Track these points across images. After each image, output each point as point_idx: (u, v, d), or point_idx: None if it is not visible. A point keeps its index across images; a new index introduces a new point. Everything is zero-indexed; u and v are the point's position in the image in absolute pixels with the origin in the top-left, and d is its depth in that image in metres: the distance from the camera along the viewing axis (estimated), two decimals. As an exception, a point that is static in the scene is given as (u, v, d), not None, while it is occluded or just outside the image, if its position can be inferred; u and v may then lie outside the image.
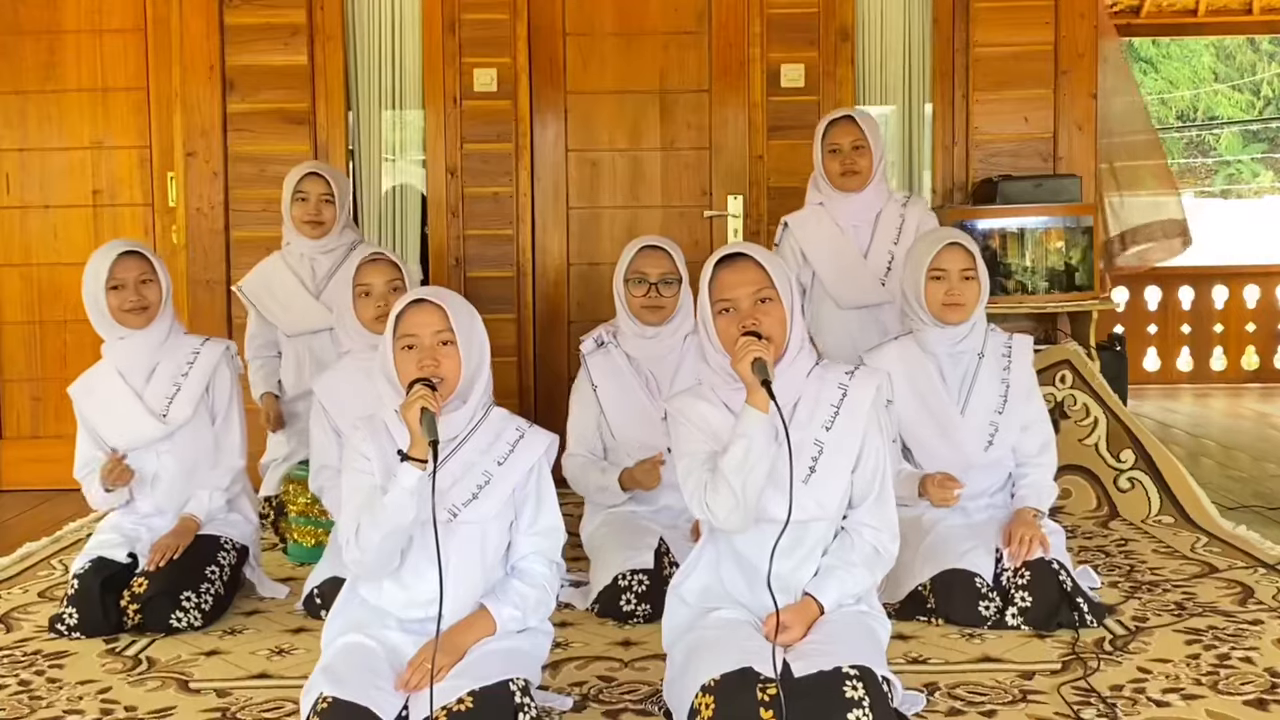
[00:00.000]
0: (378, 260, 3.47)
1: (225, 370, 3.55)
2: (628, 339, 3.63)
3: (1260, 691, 2.62)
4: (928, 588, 3.16)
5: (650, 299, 3.55)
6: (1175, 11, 8.20)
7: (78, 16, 5.28)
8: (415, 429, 2.35)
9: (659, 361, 3.62)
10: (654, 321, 3.58)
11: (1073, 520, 4.21)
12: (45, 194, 5.34)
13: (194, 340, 3.57)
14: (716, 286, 2.48)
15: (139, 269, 3.43)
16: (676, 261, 3.56)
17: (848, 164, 4.01)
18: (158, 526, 3.42)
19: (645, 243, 3.60)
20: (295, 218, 4.20)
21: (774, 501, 2.43)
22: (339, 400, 3.41)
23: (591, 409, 3.63)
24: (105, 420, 3.45)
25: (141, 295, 3.42)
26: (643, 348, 3.62)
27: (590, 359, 3.67)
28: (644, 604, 3.20)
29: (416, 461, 2.34)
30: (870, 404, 2.53)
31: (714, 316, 2.48)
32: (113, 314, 3.42)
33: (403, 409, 2.38)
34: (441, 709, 2.25)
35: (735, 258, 2.50)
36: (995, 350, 3.38)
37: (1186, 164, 21.91)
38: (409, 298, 2.49)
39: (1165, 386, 8.54)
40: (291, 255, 4.28)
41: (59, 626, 3.19)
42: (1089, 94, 5.19)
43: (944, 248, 3.29)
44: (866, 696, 2.19)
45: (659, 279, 3.54)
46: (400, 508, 2.35)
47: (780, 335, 2.46)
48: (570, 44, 5.25)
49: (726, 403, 2.50)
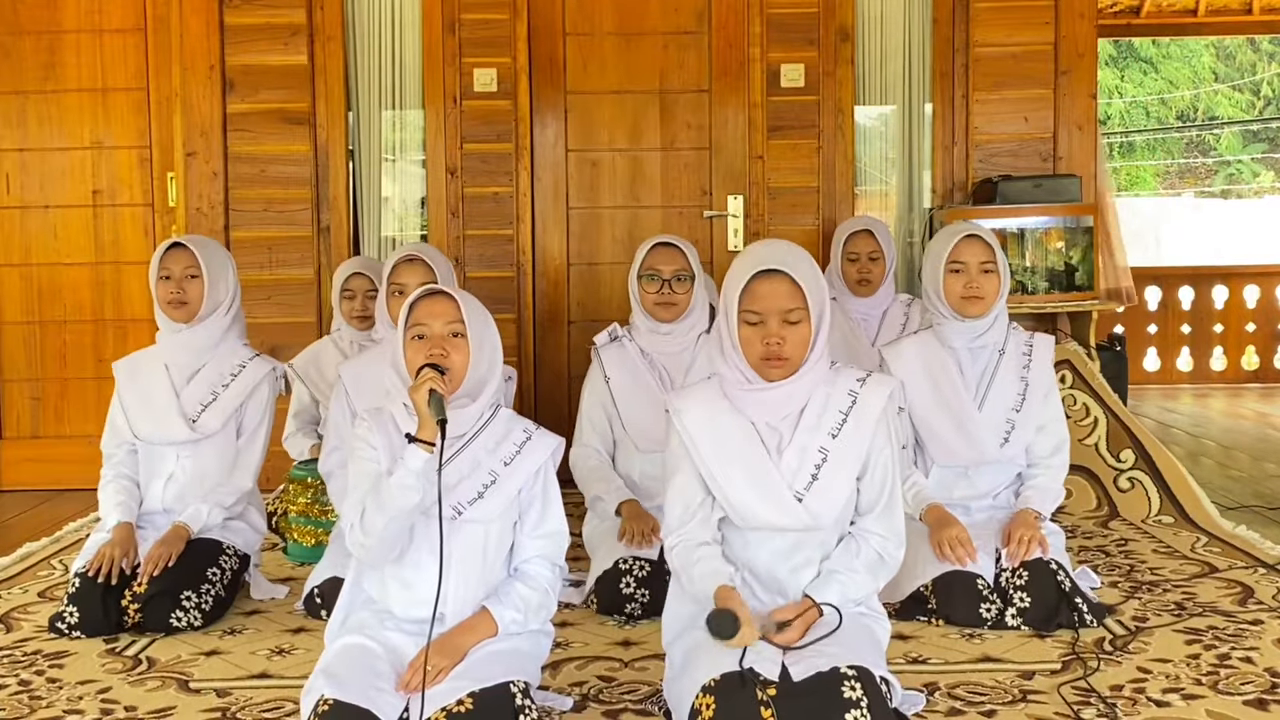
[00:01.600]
0: (414, 260, 3.45)
1: (265, 390, 3.55)
2: (641, 334, 3.67)
3: (1260, 691, 2.62)
4: (929, 588, 3.15)
5: (663, 295, 3.59)
6: (1175, 11, 8.20)
7: (78, 16, 5.28)
8: (423, 410, 2.35)
9: (672, 358, 3.65)
10: (667, 318, 3.62)
11: (1073, 520, 4.21)
12: (45, 194, 5.34)
13: (245, 352, 3.57)
14: (748, 296, 2.43)
15: (185, 262, 3.44)
16: (690, 259, 3.61)
17: (864, 273, 4.34)
18: (161, 525, 3.42)
19: (659, 240, 3.65)
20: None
21: (764, 509, 2.44)
22: (361, 384, 3.38)
23: (603, 398, 3.65)
24: (138, 407, 3.46)
25: (182, 289, 3.43)
26: (656, 343, 3.65)
27: (604, 351, 3.70)
28: (643, 589, 3.21)
29: (423, 444, 2.34)
30: (880, 411, 2.50)
31: (740, 324, 2.44)
32: (160, 304, 3.45)
33: (410, 391, 2.38)
34: (442, 710, 2.24)
35: (771, 271, 2.42)
36: (1016, 348, 3.35)
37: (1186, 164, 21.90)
38: (422, 290, 2.50)
39: (1165, 386, 8.54)
40: (343, 342, 4.26)
41: (59, 625, 3.19)
42: (1089, 94, 5.19)
43: (962, 240, 3.26)
44: (865, 697, 2.19)
45: (672, 275, 3.58)
46: (406, 489, 2.34)
47: (801, 355, 2.44)
48: (570, 44, 5.25)
49: (734, 402, 2.49)
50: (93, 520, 4.22)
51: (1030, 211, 4.95)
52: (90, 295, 5.34)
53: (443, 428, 2.32)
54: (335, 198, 5.20)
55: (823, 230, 5.21)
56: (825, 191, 5.24)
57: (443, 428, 2.32)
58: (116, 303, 5.33)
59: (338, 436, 3.43)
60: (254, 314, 4.96)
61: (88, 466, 3.90)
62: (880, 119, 5.50)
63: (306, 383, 4.25)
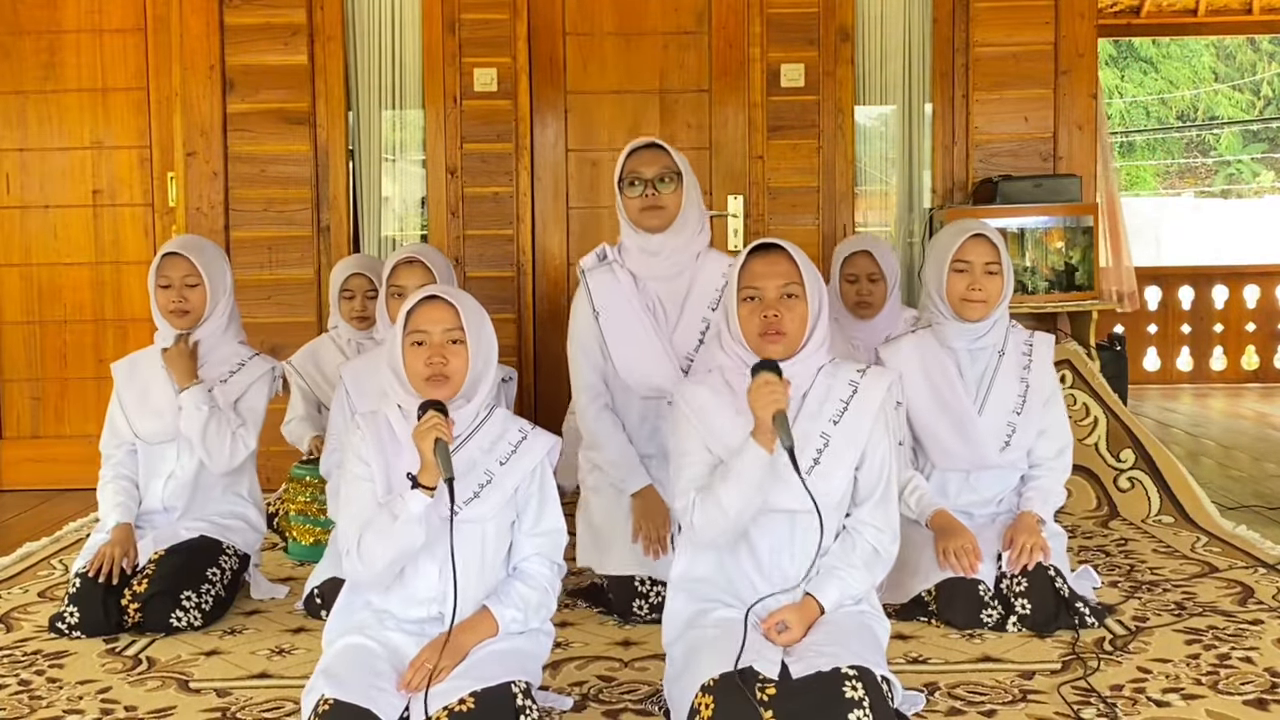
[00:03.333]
0: (413, 263, 3.45)
1: (261, 389, 3.54)
2: (632, 255, 3.30)
3: (1260, 691, 2.62)
4: (931, 593, 3.15)
5: (648, 199, 3.22)
6: (1175, 11, 8.20)
7: (78, 16, 5.28)
8: (428, 458, 2.34)
9: (667, 284, 3.30)
10: (655, 225, 3.24)
11: (1073, 520, 4.20)
12: (45, 194, 5.34)
13: (244, 351, 3.57)
14: (746, 274, 2.50)
15: (185, 270, 3.43)
16: (675, 158, 3.25)
17: (863, 295, 4.04)
18: (161, 524, 3.42)
19: (639, 143, 3.28)
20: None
21: (775, 492, 2.43)
22: (362, 384, 3.37)
23: (593, 340, 3.30)
24: (138, 406, 3.45)
25: (184, 297, 3.43)
26: (649, 265, 3.29)
27: (591, 276, 3.32)
28: (654, 614, 3.14)
29: (426, 489, 2.34)
30: (880, 403, 2.53)
31: (739, 303, 2.49)
32: (160, 311, 3.45)
33: (415, 435, 2.37)
34: (443, 709, 2.25)
35: (769, 248, 2.51)
36: (1016, 348, 3.30)
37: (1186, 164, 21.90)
38: (422, 294, 2.49)
39: (1165, 386, 8.54)
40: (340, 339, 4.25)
41: (59, 625, 3.19)
42: (1089, 94, 5.19)
43: (969, 239, 3.20)
44: (866, 696, 2.19)
45: (655, 176, 3.22)
46: (410, 535, 2.35)
47: (798, 332, 2.47)
48: (570, 44, 5.25)
49: (734, 387, 2.50)
50: (93, 520, 4.22)
51: (1030, 211, 4.95)
52: (90, 295, 5.34)
53: (450, 486, 2.31)
54: (335, 198, 5.20)
55: (822, 230, 5.22)
56: (825, 191, 5.24)
57: (450, 486, 2.31)
58: (116, 303, 5.33)
59: (338, 438, 3.43)
60: (254, 314, 4.98)
61: (88, 466, 3.90)
62: (880, 119, 5.50)
63: (305, 379, 4.25)
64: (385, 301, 3.48)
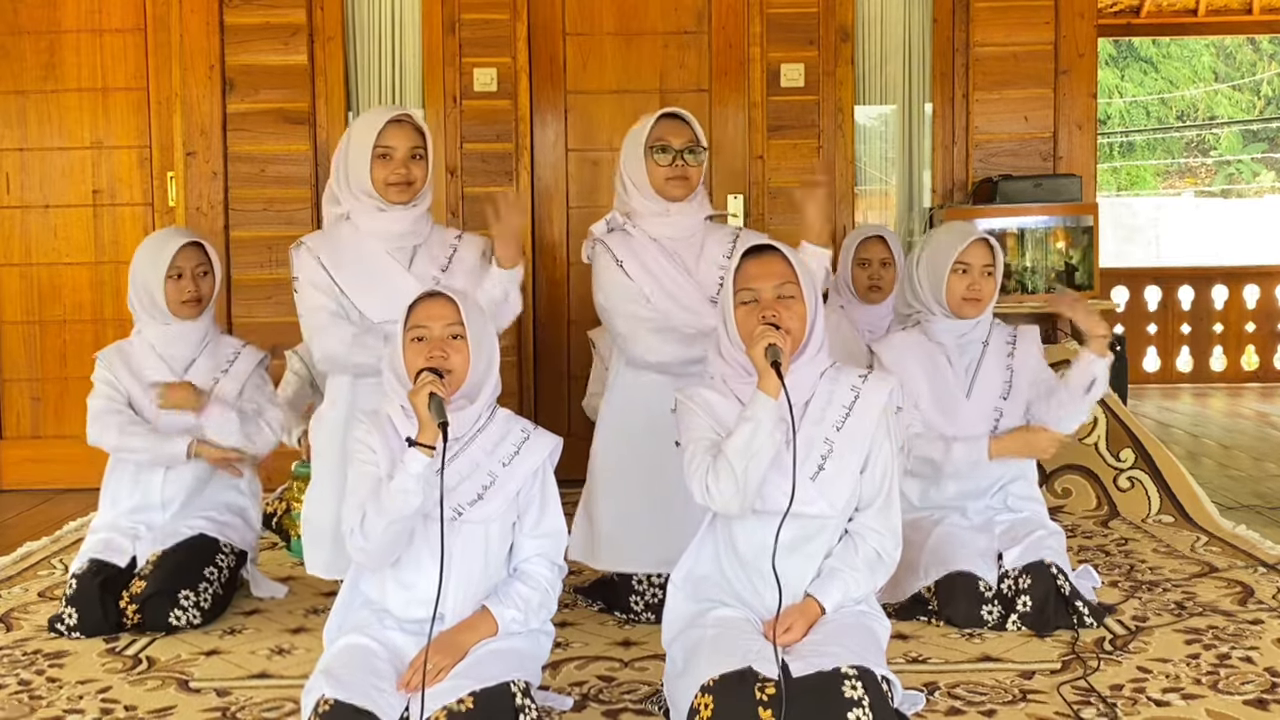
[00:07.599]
0: (403, 122, 3.09)
1: (258, 380, 3.56)
2: (645, 220, 3.27)
3: (1260, 691, 2.62)
4: (931, 590, 3.16)
5: (676, 169, 3.21)
6: (1175, 11, 8.21)
7: (78, 16, 5.28)
8: (424, 414, 2.34)
9: (683, 242, 3.28)
10: (680, 195, 3.24)
11: (1073, 520, 4.21)
12: (45, 194, 5.34)
13: (234, 342, 3.59)
14: (741, 277, 2.50)
15: (197, 259, 3.44)
16: (698, 131, 3.26)
17: (875, 279, 4.13)
18: (157, 523, 3.41)
19: (666, 111, 3.27)
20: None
21: (778, 493, 2.43)
22: (339, 257, 3.13)
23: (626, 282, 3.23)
24: (143, 396, 3.44)
25: (198, 287, 3.44)
26: (663, 227, 3.26)
27: (609, 239, 3.28)
28: (649, 613, 3.18)
29: (424, 448, 2.34)
30: (882, 408, 2.54)
31: (735, 307, 2.49)
32: (168, 304, 3.41)
33: (410, 395, 2.37)
34: (443, 709, 2.24)
35: (763, 250, 2.51)
36: (1000, 339, 3.42)
37: (1186, 164, 21.91)
38: (423, 291, 2.50)
39: (1165, 386, 8.55)
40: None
41: (59, 626, 3.19)
42: (1089, 94, 5.19)
43: (972, 243, 3.31)
44: (866, 696, 2.19)
45: (684, 147, 3.22)
46: (406, 493, 2.33)
47: (799, 331, 2.47)
48: (570, 44, 5.25)
49: (737, 394, 2.50)
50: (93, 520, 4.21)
51: (1030, 211, 4.95)
52: (90, 295, 5.34)
53: (444, 430, 2.32)
54: (335, 198, 5.19)
55: (823, 230, 5.21)
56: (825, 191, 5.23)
57: (444, 430, 2.32)
58: (116, 302, 5.33)
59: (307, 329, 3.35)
60: (254, 314, 4.99)
61: (88, 466, 3.90)
62: (880, 119, 5.50)
63: (307, 363, 4.23)
64: (370, 163, 3.06)
